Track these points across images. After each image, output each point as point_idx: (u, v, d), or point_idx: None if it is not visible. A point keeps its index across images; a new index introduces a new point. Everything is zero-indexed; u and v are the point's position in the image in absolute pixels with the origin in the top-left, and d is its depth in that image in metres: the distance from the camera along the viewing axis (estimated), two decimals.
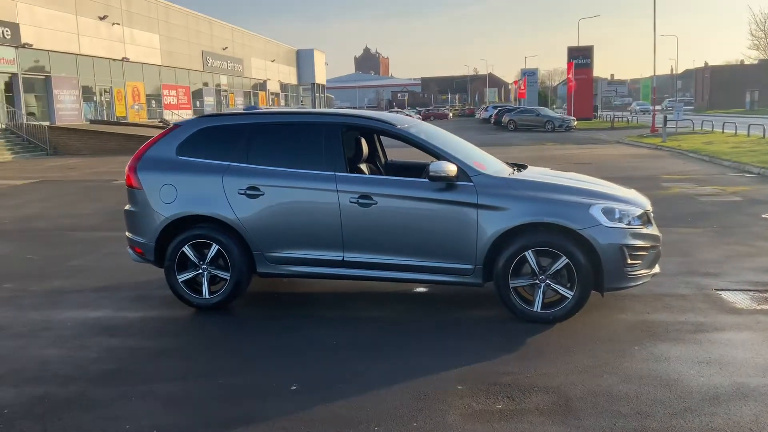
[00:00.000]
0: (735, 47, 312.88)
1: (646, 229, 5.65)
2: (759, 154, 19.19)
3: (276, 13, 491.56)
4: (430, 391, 4.29)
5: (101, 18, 38.68)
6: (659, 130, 30.70)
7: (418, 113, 78.15)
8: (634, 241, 5.48)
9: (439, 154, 5.75)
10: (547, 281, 5.48)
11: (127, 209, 6.37)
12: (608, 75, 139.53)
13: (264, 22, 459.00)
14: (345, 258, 5.83)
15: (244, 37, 62.55)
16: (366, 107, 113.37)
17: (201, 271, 6.04)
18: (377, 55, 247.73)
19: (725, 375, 4.42)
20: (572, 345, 5.05)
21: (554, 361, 4.73)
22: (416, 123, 6.49)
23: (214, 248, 5.97)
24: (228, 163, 5.99)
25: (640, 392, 4.19)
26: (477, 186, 5.57)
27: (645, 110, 70.65)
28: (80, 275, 7.65)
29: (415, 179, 5.79)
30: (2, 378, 4.71)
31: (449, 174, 5.50)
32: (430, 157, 5.84)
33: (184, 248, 6.00)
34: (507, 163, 6.63)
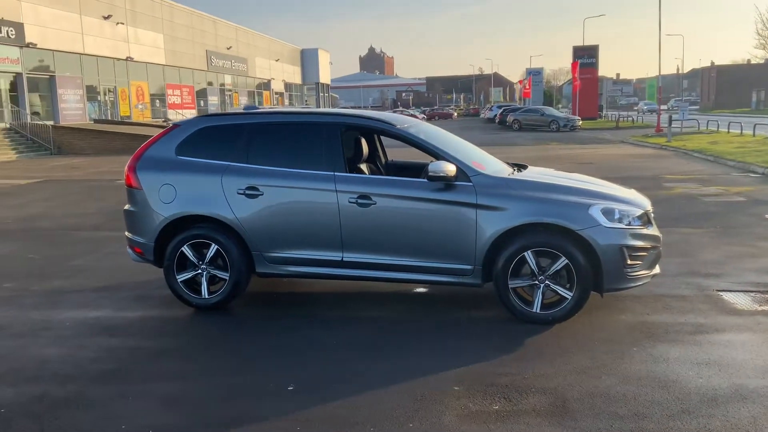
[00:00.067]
0: (741, 46, 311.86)
1: (646, 230, 5.63)
2: (764, 154, 19.10)
3: (281, 13, 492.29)
4: (427, 392, 4.28)
5: (105, 17, 38.79)
6: (664, 130, 30.61)
7: (423, 113, 78.22)
8: (634, 242, 5.46)
9: (438, 154, 5.74)
10: (547, 282, 5.46)
11: (127, 209, 6.37)
12: (614, 74, 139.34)
13: (268, 22, 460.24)
14: (344, 258, 5.82)
15: (249, 37, 62.63)
16: (370, 107, 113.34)
17: (200, 271, 6.04)
18: (382, 55, 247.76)
19: (724, 376, 4.40)
20: (571, 346, 5.03)
21: (552, 362, 4.71)
22: (416, 123, 6.48)
23: (213, 248, 5.97)
24: (227, 163, 5.99)
25: (638, 393, 4.17)
26: (476, 186, 5.56)
27: (652, 110, 70.45)
28: (81, 275, 7.66)
29: (414, 179, 5.77)
30: (1, 377, 4.72)
31: (448, 174, 5.49)
32: (431, 158, 5.84)
33: (183, 248, 6.01)
34: (507, 163, 6.62)
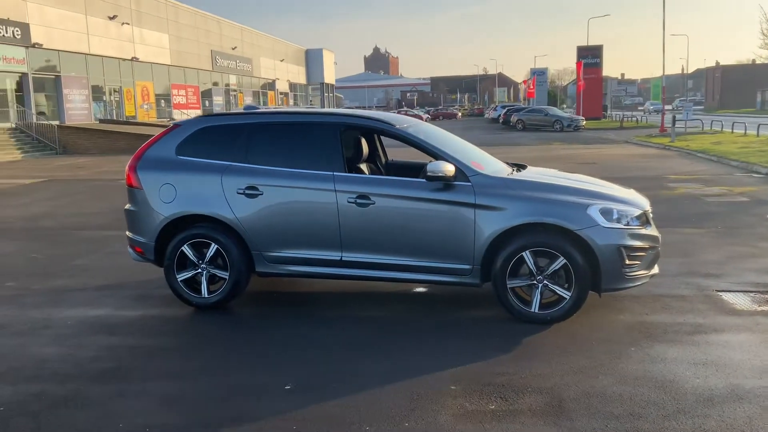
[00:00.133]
0: (746, 47, 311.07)
1: (645, 230, 5.63)
2: (767, 155, 19.05)
3: (285, 13, 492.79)
4: (424, 392, 4.29)
5: (111, 18, 38.93)
6: (668, 130, 30.54)
7: (427, 113, 78.25)
8: (633, 242, 5.46)
9: (437, 154, 5.75)
10: (545, 282, 5.46)
11: (128, 208, 6.40)
12: (619, 75, 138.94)
13: (273, 22, 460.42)
14: (343, 258, 5.83)
15: (253, 37, 62.73)
16: (375, 107, 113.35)
17: (200, 271, 6.07)
18: (387, 55, 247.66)
19: (721, 377, 4.40)
20: (569, 346, 5.04)
21: (549, 362, 4.72)
22: (415, 123, 6.48)
23: (213, 248, 5.99)
24: (227, 163, 6.01)
25: (634, 394, 4.17)
26: (475, 186, 5.56)
27: (658, 110, 70.38)
28: (83, 274, 7.70)
29: (413, 179, 5.78)
30: (0, 376, 4.75)
31: (447, 174, 5.50)
32: (431, 158, 5.84)
33: (184, 247, 6.03)
34: (507, 163, 6.62)
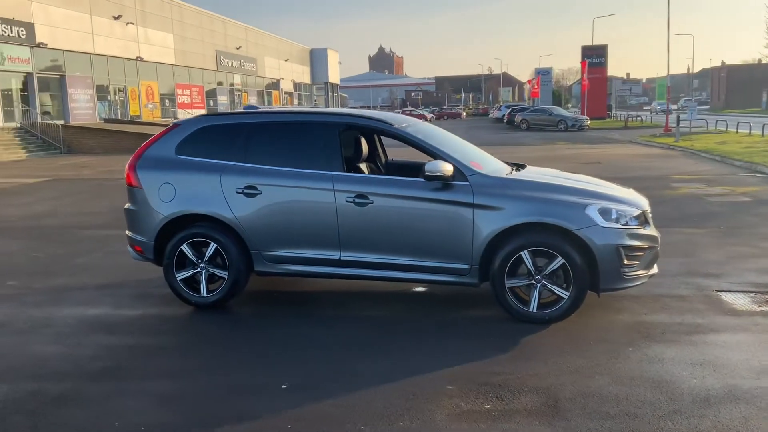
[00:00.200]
0: (752, 46, 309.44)
1: (644, 230, 5.61)
2: None
3: (290, 12, 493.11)
4: (420, 391, 4.29)
5: (115, 18, 39.01)
6: (672, 130, 30.46)
7: (432, 112, 78.31)
8: (631, 242, 5.45)
9: (436, 154, 5.75)
10: (543, 281, 5.46)
11: (127, 208, 6.41)
12: (624, 74, 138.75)
13: (278, 21, 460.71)
14: (342, 257, 5.84)
15: (258, 37, 62.80)
16: (380, 107, 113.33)
17: (199, 270, 6.08)
18: (391, 54, 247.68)
19: (718, 377, 4.38)
20: (566, 345, 5.03)
21: (547, 362, 4.71)
22: (414, 122, 6.48)
23: (212, 247, 6.00)
24: (226, 163, 6.02)
25: (630, 394, 4.16)
26: (473, 186, 5.56)
27: (665, 110, 70.19)
28: (84, 273, 7.72)
29: (411, 179, 5.77)
30: None
31: (445, 173, 5.49)
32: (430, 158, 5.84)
33: (183, 247, 6.04)
34: (507, 163, 6.62)
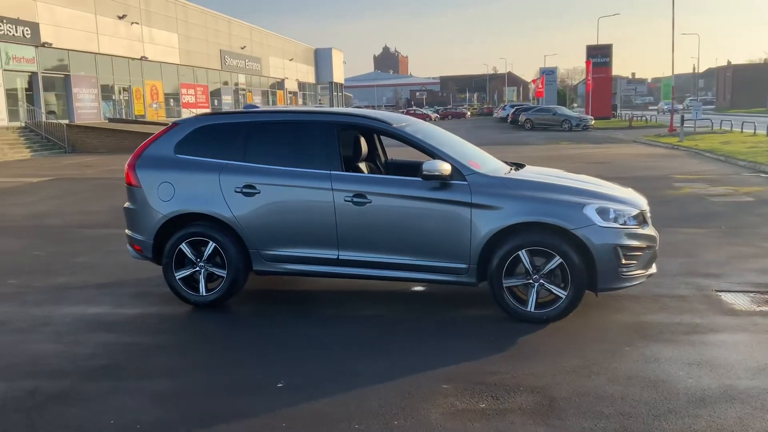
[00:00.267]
0: (758, 46, 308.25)
1: (642, 230, 5.60)
2: None
3: (294, 12, 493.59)
4: (416, 390, 4.29)
5: (120, 17, 39.12)
6: (677, 130, 30.39)
7: (436, 112, 78.28)
8: (629, 242, 5.44)
9: (434, 153, 5.75)
10: (541, 281, 5.45)
11: (127, 207, 6.43)
12: (629, 74, 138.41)
13: (282, 21, 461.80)
14: (340, 256, 5.84)
15: (262, 36, 62.86)
16: (384, 106, 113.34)
17: (198, 269, 6.09)
18: (396, 54, 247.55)
19: (714, 377, 4.37)
20: (563, 345, 5.02)
21: (543, 361, 4.71)
22: (413, 122, 6.48)
23: (211, 246, 6.01)
24: (225, 162, 6.03)
25: (626, 393, 4.16)
26: (471, 185, 5.55)
27: (673, 109, 70.02)
28: (85, 272, 7.74)
29: (409, 178, 5.77)
30: None
31: (443, 173, 5.49)
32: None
33: (182, 246, 6.05)
34: (506, 162, 6.61)
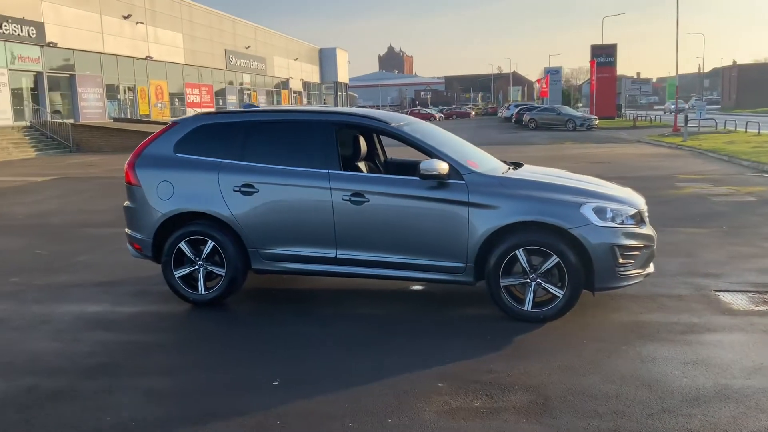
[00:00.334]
0: (764, 46, 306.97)
1: (639, 229, 5.60)
2: None
3: (299, 12, 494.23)
4: (411, 388, 4.30)
5: (125, 17, 39.24)
6: (681, 130, 30.30)
7: (440, 112, 78.32)
8: (626, 241, 5.44)
9: (432, 153, 5.76)
10: (538, 280, 5.45)
11: (126, 206, 6.47)
12: (634, 73, 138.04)
13: (287, 21, 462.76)
14: (338, 255, 5.86)
15: (267, 36, 62.96)
16: (389, 106, 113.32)
17: (197, 267, 6.11)
18: (401, 54, 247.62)
19: (709, 376, 4.37)
20: (560, 344, 5.03)
21: (539, 360, 4.71)
22: (412, 121, 6.49)
23: (210, 245, 6.04)
24: (224, 161, 6.05)
25: (620, 392, 4.16)
26: (468, 184, 5.56)
27: (681, 108, 69.92)
28: (85, 270, 7.78)
29: (407, 177, 5.78)
30: None
31: (440, 172, 5.50)
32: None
33: (181, 244, 6.08)
34: (505, 162, 6.62)
